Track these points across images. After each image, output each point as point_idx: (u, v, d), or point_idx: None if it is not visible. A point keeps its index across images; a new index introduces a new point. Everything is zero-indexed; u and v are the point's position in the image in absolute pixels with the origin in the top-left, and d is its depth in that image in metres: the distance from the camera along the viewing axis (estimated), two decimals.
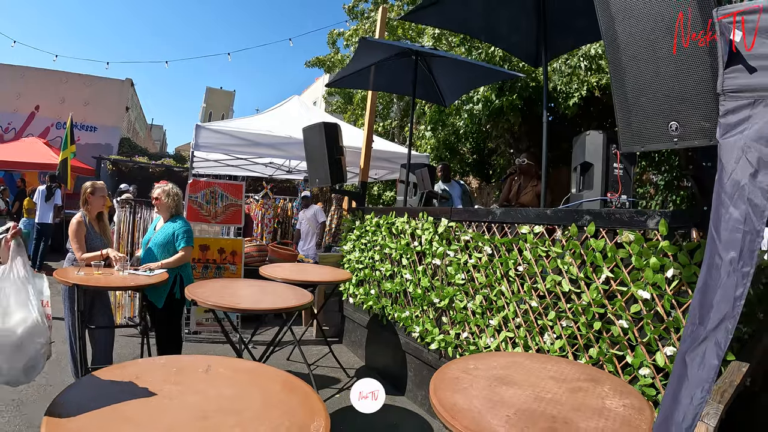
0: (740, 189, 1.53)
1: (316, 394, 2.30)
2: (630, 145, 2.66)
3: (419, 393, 5.57)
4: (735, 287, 1.55)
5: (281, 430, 1.96)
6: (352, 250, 7.32)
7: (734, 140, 1.59)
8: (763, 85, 1.52)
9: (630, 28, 2.59)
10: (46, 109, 22.16)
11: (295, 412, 2.13)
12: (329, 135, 6.91)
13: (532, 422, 2.17)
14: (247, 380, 2.52)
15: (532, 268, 3.97)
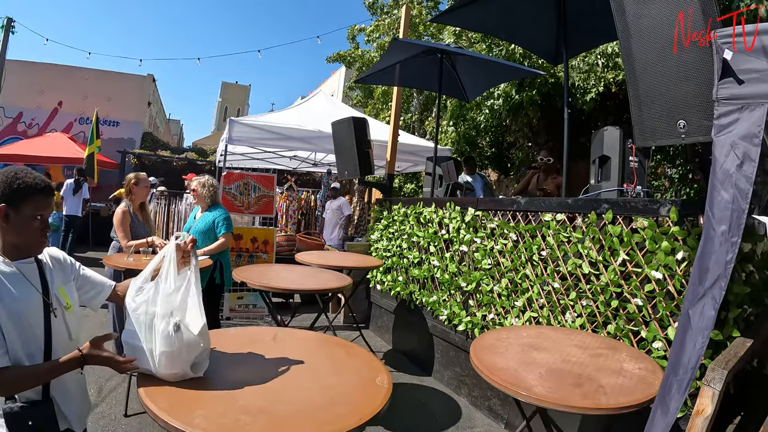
0: (729, 176, 1.90)
1: (376, 358, 2.65)
2: (643, 141, 3.03)
3: (445, 373, 5.89)
4: (726, 253, 1.92)
5: (353, 382, 2.34)
6: (379, 239, 7.64)
7: (725, 138, 1.95)
8: (749, 94, 1.88)
9: (643, 41, 2.95)
10: (69, 104, 22.25)
11: (361, 370, 2.49)
12: (358, 129, 7.23)
13: (560, 378, 2.54)
14: (313, 347, 2.91)
15: (554, 252, 4.29)
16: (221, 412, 1.89)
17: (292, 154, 12.38)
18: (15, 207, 2.03)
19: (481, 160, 14.64)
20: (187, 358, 2.13)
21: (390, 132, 8.67)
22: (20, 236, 2.08)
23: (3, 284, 1.98)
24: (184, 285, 2.21)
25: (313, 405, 2.06)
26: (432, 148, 9.16)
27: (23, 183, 2.05)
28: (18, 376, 1.93)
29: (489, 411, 5.11)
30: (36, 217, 2.08)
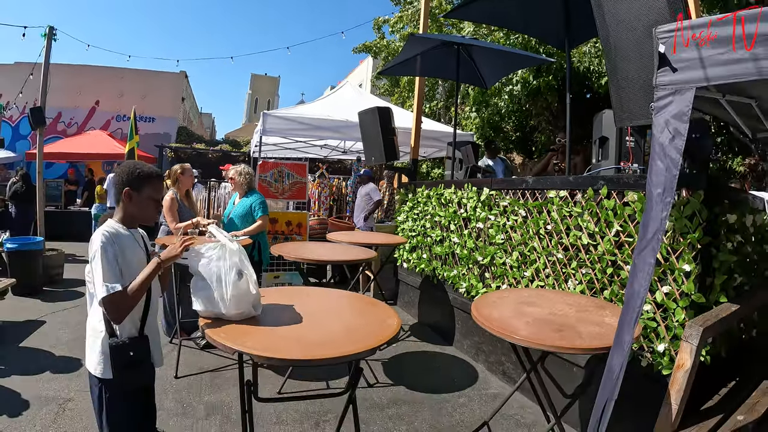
0: (663, 149, 2.34)
1: (390, 307, 3.17)
2: (621, 122, 3.50)
3: (465, 342, 6.38)
4: (661, 211, 2.36)
5: (370, 321, 2.93)
6: (405, 220, 8.12)
7: (661, 116, 2.38)
8: (680, 80, 2.31)
9: (620, 33, 3.40)
10: (106, 103, 23.13)
11: (377, 314, 3.05)
12: (383, 118, 7.71)
13: (545, 325, 3.01)
14: (340, 299, 3.52)
15: (558, 226, 4.73)
16: (264, 340, 2.50)
17: (322, 143, 12.89)
18: (137, 190, 2.77)
19: (506, 144, 15.05)
20: (248, 300, 2.75)
21: (413, 119, 9.13)
22: (139, 211, 2.86)
23: (126, 242, 2.74)
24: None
25: (337, 336, 2.65)
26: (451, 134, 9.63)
27: (142, 172, 2.82)
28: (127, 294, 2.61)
29: (503, 375, 5.57)
30: (152, 198, 2.86)
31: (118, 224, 2.80)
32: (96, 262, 2.58)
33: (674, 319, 3.63)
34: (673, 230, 3.67)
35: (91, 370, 2.79)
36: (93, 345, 2.79)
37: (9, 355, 5.72)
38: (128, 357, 2.68)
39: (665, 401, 3.14)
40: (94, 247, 2.62)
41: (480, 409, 4.75)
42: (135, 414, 2.98)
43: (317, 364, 2.36)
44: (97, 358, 2.75)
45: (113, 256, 2.61)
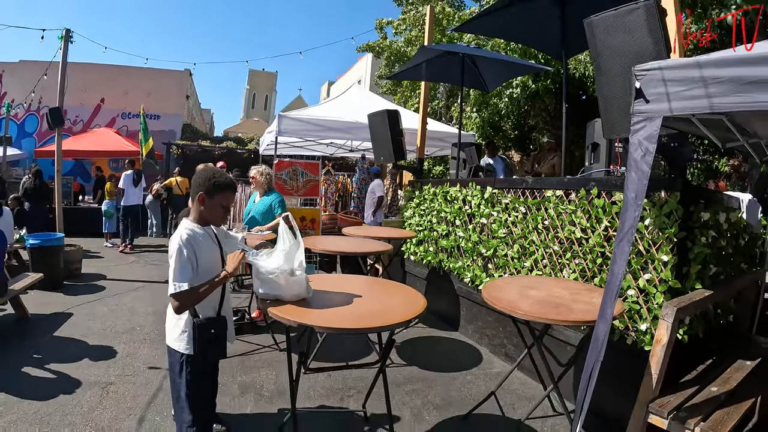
0: (636, 162, 2.96)
1: (415, 290, 3.78)
2: (609, 134, 4.14)
3: (469, 327, 6.98)
4: (634, 211, 2.98)
5: (401, 300, 3.53)
6: (412, 215, 8.67)
7: (636, 137, 2.99)
8: (651, 110, 2.91)
9: (609, 60, 4.03)
10: (111, 101, 23.37)
11: (406, 294, 3.69)
12: (392, 120, 8.23)
13: (544, 304, 3.63)
14: (372, 284, 4.18)
15: (554, 221, 5.32)
16: (320, 315, 3.11)
17: (328, 141, 13.44)
18: (209, 196, 3.25)
19: (504, 142, 15.62)
20: (302, 285, 3.33)
21: (419, 121, 9.69)
22: (210, 215, 3.33)
23: (199, 240, 3.20)
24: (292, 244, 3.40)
25: (377, 311, 3.27)
26: (453, 134, 10.25)
27: (218, 182, 3.27)
28: (195, 291, 3.07)
29: (505, 356, 6.17)
30: (221, 205, 3.33)
31: (194, 224, 3.28)
32: (173, 260, 3.09)
33: (654, 302, 4.21)
34: (653, 226, 4.23)
35: (174, 347, 3.33)
36: (176, 325, 3.32)
37: (44, 344, 6.10)
38: (210, 334, 3.19)
39: (647, 372, 3.76)
40: (174, 247, 3.12)
41: (485, 385, 5.32)
42: (207, 388, 3.59)
43: (366, 332, 3.00)
44: (181, 336, 3.28)
45: (187, 257, 3.08)
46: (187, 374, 3.29)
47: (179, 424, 3.45)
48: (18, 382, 4.99)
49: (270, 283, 3.28)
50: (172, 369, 3.43)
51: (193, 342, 3.21)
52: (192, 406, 3.33)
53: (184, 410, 3.35)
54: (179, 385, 3.34)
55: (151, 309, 7.83)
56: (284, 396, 4.91)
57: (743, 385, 4.07)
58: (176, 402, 3.45)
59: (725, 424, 3.46)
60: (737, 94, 2.56)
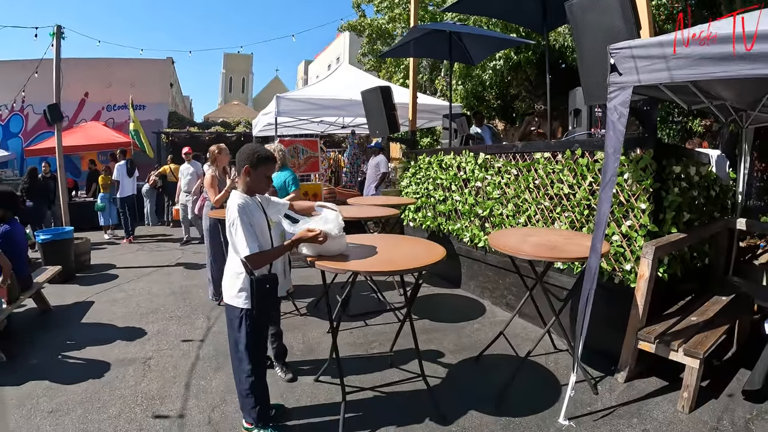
0: (613, 124, 3.62)
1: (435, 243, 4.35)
2: (589, 101, 4.82)
3: (471, 283, 7.62)
4: (613, 163, 3.65)
5: (422, 249, 4.13)
6: (408, 185, 9.24)
7: (612, 103, 3.64)
8: (623, 81, 3.55)
9: (586, 36, 4.67)
10: (95, 94, 23.19)
11: (425, 245, 4.30)
12: (385, 95, 8.80)
13: (541, 246, 4.27)
14: (394, 238, 4.79)
15: (544, 180, 5.92)
16: (360, 263, 3.71)
17: (320, 119, 13.93)
18: (254, 167, 3.69)
19: (488, 112, 16.19)
20: (342, 242, 3.86)
21: (410, 96, 10.24)
22: (255, 185, 3.75)
23: (252, 209, 3.67)
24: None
25: (406, 257, 3.89)
26: (443, 106, 10.94)
27: (260, 154, 3.71)
28: (266, 254, 3.61)
29: (506, 306, 6.81)
30: (265, 175, 3.76)
31: (244, 195, 3.71)
32: (235, 228, 3.51)
33: (636, 245, 4.85)
34: (632, 179, 4.85)
35: (233, 304, 3.78)
36: (234, 283, 3.77)
37: (75, 332, 6.34)
38: (265, 289, 3.59)
39: (633, 304, 4.52)
40: (232, 216, 3.55)
41: (491, 332, 5.93)
42: (264, 341, 4.07)
43: (402, 272, 3.62)
44: (239, 293, 3.74)
45: (247, 222, 3.52)
46: (247, 327, 3.74)
47: (238, 375, 3.89)
48: (59, 368, 5.24)
49: (312, 243, 3.76)
50: (230, 325, 3.87)
51: (251, 297, 3.62)
52: (251, 357, 3.78)
53: (243, 361, 3.79)
54: (238, 338, 3.79)
55: (168, 290, 8.18)
56: (314, 352, 5.52)
57: (719, 315, 4.80)
58: (234, 355, 3.89)
59: (704, 344, 4.17)
60: (691, 67, 3.22)
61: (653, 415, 4.13)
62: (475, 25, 13.74)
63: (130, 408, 4.39)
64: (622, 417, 4.11)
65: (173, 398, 4.58)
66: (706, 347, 4.13)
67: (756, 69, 2.93)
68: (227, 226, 3.65)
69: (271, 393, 4.05)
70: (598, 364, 4.91)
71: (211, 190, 7.13)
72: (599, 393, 4.49)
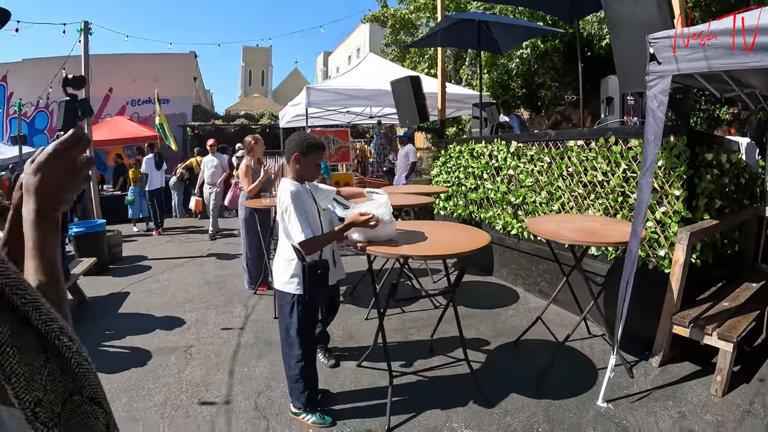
0: (653, 112, 3.73)
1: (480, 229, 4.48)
2: (625, 89, 4.92)
3: (503, 271, 7.73)
4: (654, 149, 3.76)
5: (467, 235, 4.28)
6: (439, 173, 9.35)
7: (651, 91, 3.75)
8: (662, 70, 3.66)
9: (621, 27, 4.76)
10: (119, 89, 23.43)
11: (470, 231, 4.45)
12: (414, 85, 8.84)
13: (581, 232, 4.38)
14: (438, 225, 4.89)
15: (577, 168, 6.02)
16: (410, 248, 3.83)
17: (346, 109, 14.05)
18: (303, 155, 3.82)
19: (513, 100, 16.25)
20: (391, 228, 3.97)
21: (438, 85, 10.32)
22: (305, 172, 3.89)
23: (303, 196, 3.80)
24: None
25: (452, 243, 4.03)
26: (469, 96, 11.00)
27: (309, 142, 3.84)
28: (319, 239, 3.73)
29: (539, 293, 6.92)
30: (315, 162, 3.89)
31: (294, 182, 3.83)
32: (288, 214, 3.63)
33: (670, 231, 4.95)
34: (666, 166, 4.94)
35: (284, 290, 3.89)
36: (286, 269, 3.89)
37: (113, 322, 6.46)
38: (317, 275, 3.72)
39: (668, 290, 4.61)
40: (285, 202, 3.65)
41: (526, 318, 6.06)
42: (314, 326, 4.19)
43: (451, 257, 3.84)
44: (291, 279, 3.86)
45: (300, 209, 3.64)
46: (298, 312, 3.86)
47: (288, 360, 4.02)
48: (100, 358, 5.30)
49: (364, 229, 3.87)
50: (281, 311, 4.01)
51: (303, 283, 3.74)
52: (301, 342, 3.90)
53: (294, 347, 3.92)
54: (289, 324, 3.91)
55: (202, 280, 8.32)
56: (354, 339, 5.67)
57: (750, 301, 4.89)
58: (285, 341, 4.02)
59: (737, 329, 4.27)
60: (727, 57, 3.32)
61: (688, 398, 4.22)
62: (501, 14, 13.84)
63: (175, 395, 4.51)
64: (657, 400, 4.22)
65: (218, 385, 4.70)
66: (739, 331, 4.22)
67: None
68: (279, 213, 3.76)
69: None
70: (632, 348, 4.99)
71: (246, 179, 7.29)
72: (635, 377, 4.59)
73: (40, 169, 1.14)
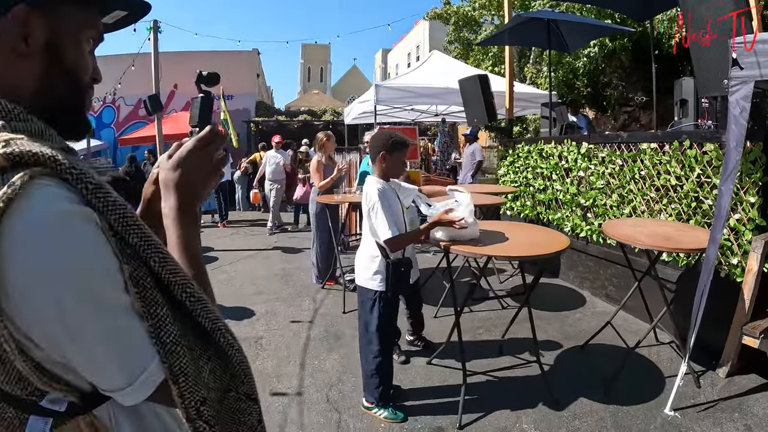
0: (735, 118, 3.73)
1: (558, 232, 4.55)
2: (703, 92, 4.91)
3: (570, 273, 7.71)
4: (735, 156, 3.76)
5: (548, 237, 4.35)
6: (506, 173, 9.37)
7: (734, 97, 3.74)
8: (745, 75, 3.65)
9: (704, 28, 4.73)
10: (184, 86, 23.74)
11: (549, 233, 4.52)
12: (483, 84, 8.83)
13: (656, 236, 4.39)
14: (517, 226, 4.95)
15: (650, 171, 5.96)
16: (493, 248, 3.91)
17: (411, 107, 14.12)
18: (389, 153, 3.94)
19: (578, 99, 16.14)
20: (475, 228, 4.02)
21: (506, 84, 10.31)
22: (391, 169, 4.02)
23: (389, 194, 3.91)
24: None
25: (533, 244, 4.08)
26: (535, 95, 11.03)
27: (395, 140, 3.95)
28: (404, 237, 3.84)
29: (606, 297, 6.87)
30: (401, 159, 4.01)
31: (380, 180, 3.94)
32: (375, 212, 3.75)
33: (744, 239, 4.86)
34: (741, 172, 4.83)
35: (367, 286, 4.00)
36: (370, 266, 3.99)
37: None
38: (400, 272, 3.86)
39: (740, 298, 4.56)
40: (372, 200, 3.78)
41: (594, 321, 6.08)
42: (393, 323, 4.30)
43: (536, 259, 3.98)
44: (374, 276, 3.96)
45: (387, 206, 3.74)
46: (379, 309, 3.97)
47: (365, 355, 4.12)
48: None
49: (448, 228, 3.94)
50: (363, 306, 4.10)
51: (386, 280, 3.86)
52: (380, 338, 4.00)
53: (372, 342, 4.01)
54: (369, 320, 4.02)
55: (270, 273, 8.50)
56: (431, 334, 5.67)
57: None
58: (363, 336, 4.12)
59: None
60: None
61: (754, 411, 4.19)
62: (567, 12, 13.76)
63: None
64: (724, 411, 4.19)
65: (289, 377, 4.84)
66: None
67: None
68: (366, 210, 3.89)
69: None
70: (699, 358, 4.94)
71: (317, 174, 7.46)
72: (701, 386, 4.56)
73: (180, 165, 1.19)
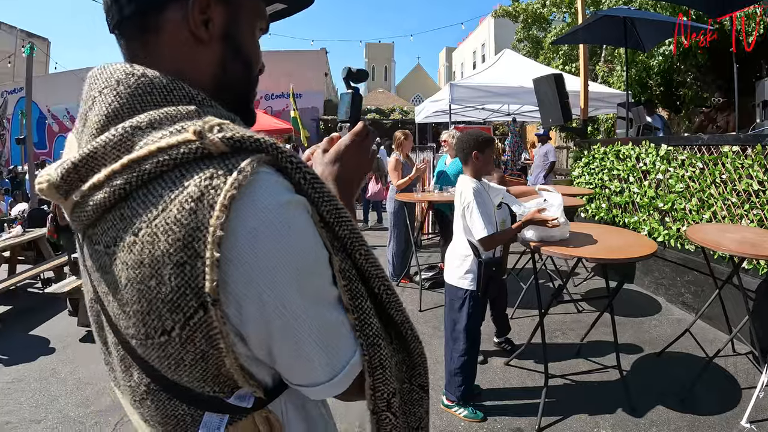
0: None
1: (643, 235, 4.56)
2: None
3: (645, 279, 7.59)
4: None
5: (636, 240, 4.39)
6: (581, 174, 9.35)
7: None
8: None
9: None
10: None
11: (636, 237, 4.60)
12: (558, 83, 8.82)
13: (742, 243, 4.36)
14: (605, 228, 4.94)
15: (731, 175, 5.88)
16: (584, 250, 3.98)
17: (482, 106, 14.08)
18: (481, 151, 3.99)
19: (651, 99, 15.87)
20: (566, 229, 4.11)
21: (581, 84, 10.28)
22: (484, 167, 4.06)
23: (483, 193, 3.96)
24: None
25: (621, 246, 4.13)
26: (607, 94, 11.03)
27: (484, 138, 4.01)
28: (497, 236, 3.89)
29: (682, 304, 6.76)
30: (490, 156, 4.06)
31: (474, 179, 3.98)
32: (470, 211, 3.81)
33: None
34: None
35: (458, 285, 4.07)
36: (461, 265, 4.06)
37: None
38: (491, 272, 3.90)
39: None
40: (467, 199, 3.84)
41: (670, 329, 6.05)
42: (480, 322, 4.33)
43: (628, 261, 4.24)
44: (466, 275, 4.03)
45: (482, 206, 3.81)
46: (469, 308, 4.04)
47: (450, 354, 4.20)
48: None
49: (539, 228, 4.04)
50: (451, 305, 4.18)
51: (477, 279, 3.92)
52: (467, 337, 4.08)
53: (459, 341, 4.10)
54: (458, 318, 4.09)
55: None
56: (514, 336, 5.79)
57: None
58: (450, 334, 4.20)
59: None
60: None
61: None
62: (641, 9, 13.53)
63: None
64: None
65: None
66: None
67: None
68: (460, 209, 3.96)
69: None
70: None
71: (395, 173, 7.61)
72: None
73: (338, 159, 1.21)
